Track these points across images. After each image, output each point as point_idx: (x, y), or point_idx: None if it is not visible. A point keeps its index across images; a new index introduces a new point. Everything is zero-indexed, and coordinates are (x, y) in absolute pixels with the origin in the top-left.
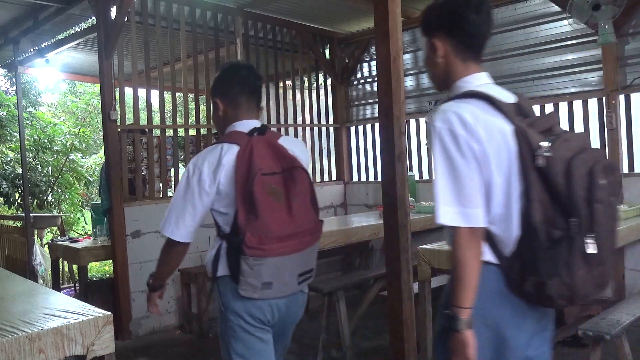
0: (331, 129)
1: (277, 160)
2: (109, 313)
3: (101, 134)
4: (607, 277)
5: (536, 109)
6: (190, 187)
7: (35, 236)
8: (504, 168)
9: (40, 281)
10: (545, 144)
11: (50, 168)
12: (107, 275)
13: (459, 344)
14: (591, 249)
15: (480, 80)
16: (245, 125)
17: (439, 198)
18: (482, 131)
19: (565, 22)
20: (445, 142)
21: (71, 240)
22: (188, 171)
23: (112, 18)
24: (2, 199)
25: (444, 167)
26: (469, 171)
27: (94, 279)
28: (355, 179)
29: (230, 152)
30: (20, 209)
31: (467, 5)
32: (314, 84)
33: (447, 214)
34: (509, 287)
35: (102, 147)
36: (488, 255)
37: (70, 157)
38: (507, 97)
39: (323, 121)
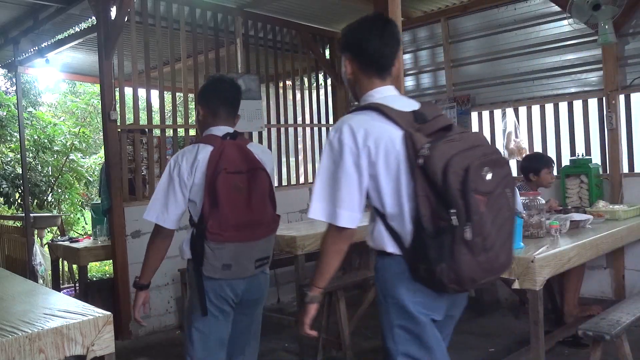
0: (331, 129)
1: (243, 161)
2: (109, 313)
3: (101, 134)
4: (496, 263)
5: (536, 109)
6: (172, 178)
7: (35, 236)
8: (393, 171)
9: (40, 281)
10: (425, 145)
11: (50, 168)
12: (107, 275)
13: (304, 311)
14: (468, 235)
15: (383, 93)
16: (220, 130)
17: (315, 195)
18: (371, 141)
19: (565, 22)
20: (333, 148)
21: (71, 240)
22: (169, 166)
23: (112, 18)
24: (2, 199)
25: (326, 169)
26: (348, 177)
27: (94, 279)
28: None
29: (204, 151)
30: (20, 209)
31: (370, 32)
32: (314, 84)
33: (318, 210)
34: (412, 276)
35: (102, 147)
36: (392, 248)
37: (70, 157)
38: (407, 106)
39: (323, 121)
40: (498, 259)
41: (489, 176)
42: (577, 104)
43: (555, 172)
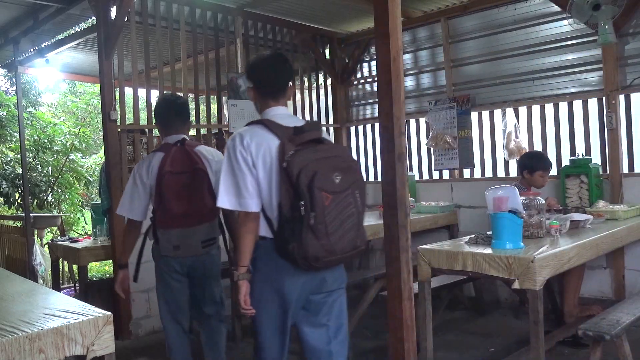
0: (331, 129)
1: (187, 163)
2: (109, 313)
3: (101, 134)
4: (337, 246)
5: (536, 109)
6: (135, 181)
7: (35, 236)
8: (268, 170)
9: (40, 281)
10: (290, 152)
11: (50, 168)
12: (107, 275)
13: (237, 289)
14: (312, 222)
15: (274, 112)
16: (173, 139)
17: (221, 189)
18: (254, 147)
19: (565, 22)
20: (230, 153)
21: (71, 240)
22: (133, 170)
23: (112, 18)
24: (2, 199)
25: (227, 169)
26: (242, 173)
27: (94, 279)
28: None
29: (157, 157)
30: (20, 209)
31: (264, 67)
32: (314, 84)
33: (226, 201)
34: (278, 254)
35: (102, 147)
36: (265, 232)
37: (70, 157)
38: (292, 122)
39: (323, 121)
40: (338, 244)
41: (337, 180)
42: (577, 104)
43: (555, 173)
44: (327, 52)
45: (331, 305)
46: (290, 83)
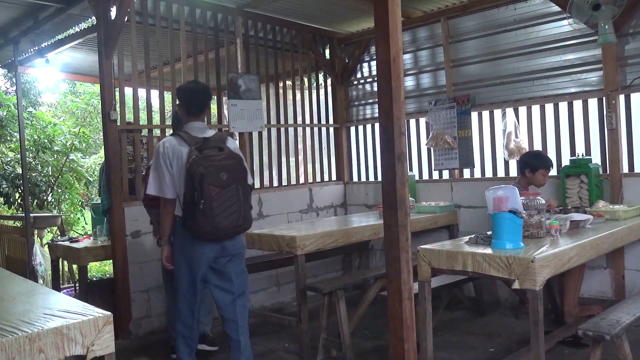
0: (331, 129)
1: None
2: (109, 313)
3: (101, 134)
4: (220, 225)
5: (536, 109)
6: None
7: (35, 236)
8: (179, 169)
9: (40, 281)
10: (192, 157)
11: (50, 168)
12: (107, 275)
13: (162, 252)
14: (202, 207)
15: (192, 126)
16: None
17: (150, 179)
18: (171, 152)
19: (565, 22)
20: (156, 155)
21: (71, 240)
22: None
23: (112, 18)
24: (2, 199)
25: (154, 166)
26: (164, 171)
27: (94, 279)
28: (355, 179)
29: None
30: (20, 209)
31: (190, 92)
32: (314, 84)
33: (153, 189)
34: (184, 229)
35: (102, 147)
36: (178, 212)
37: (70, 157)
38: (203, 134)
39: (323, 121)
40: (223, 223)
41: (224, 177)
42: (577, 104)
43: (555, 173)
44: (327, 52)
45: (235, 270)
46: (210, 104)
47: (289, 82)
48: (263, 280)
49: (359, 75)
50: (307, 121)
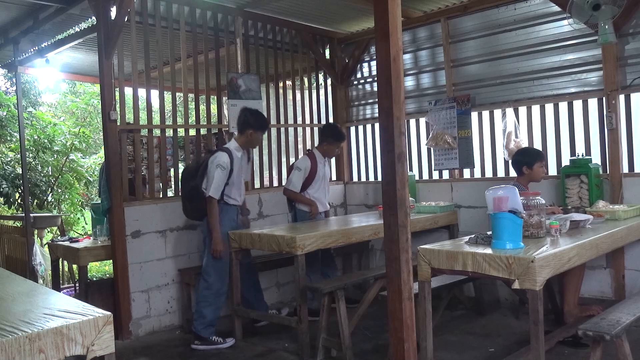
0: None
1: None
2: (109, 313)
3: (101, 134)
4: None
5: (536, 109)
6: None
7: (35, 236)
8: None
9: (40, 281)
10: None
11: (50, 168)
12: (107, 275)
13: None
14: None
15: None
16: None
17: (210, 185)
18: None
19: (565, 22)
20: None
21: (71, 240)
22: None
23: (112, 18)
24: (2, 199)
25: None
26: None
27: (94, 279)
28: (355, 179)
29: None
30: (20, 209)
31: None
32: (314, 84)
33: (211, 193)
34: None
35: (102, 147)
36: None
37: (70, 157)
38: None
39: (323, 121)
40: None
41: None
42: (577, 104)
43: (555, 173)
44: (327, 52)
45: None
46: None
47: (289, 82)
48: (263, 280)
49: (359, 75)
50: (307, 121)
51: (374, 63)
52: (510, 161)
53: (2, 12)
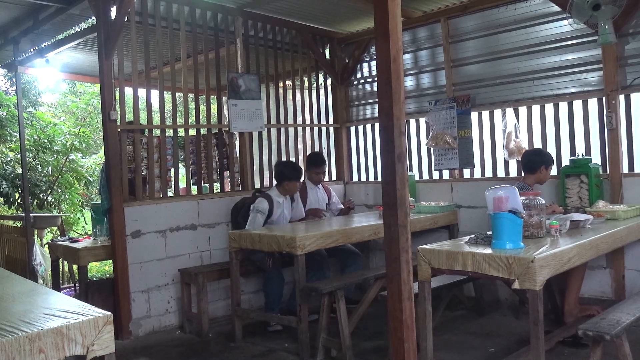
0: (331, 129)
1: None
2: (109, 313)
3: (101, 134)
4: None
5: (536, 109)
6: None
7: (35, 236)
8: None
9: (40, 281)
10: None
11: (50, 168)
12: (107, 275)
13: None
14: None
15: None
16: None
17: (248, 224)
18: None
19: (565, 22)
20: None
21: (71, 240)
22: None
23: (112, 18)
24: (2, 199)
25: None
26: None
27: (94, 279)
28: (355, 179)
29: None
30: (20, 209)
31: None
32: (314, 84)
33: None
34: None
35: (102, 147)
36: None
37: (70, 157)
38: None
39: (323, 121)
40: None
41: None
42: (577, 104)
43: (555, 173)
44: (327, 52)
45: None
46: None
47: (289, 82)
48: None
49: (359, 75)
50: (307, 121)
51: (374, 63)
52: (509, 161)
53: (2, 12)
